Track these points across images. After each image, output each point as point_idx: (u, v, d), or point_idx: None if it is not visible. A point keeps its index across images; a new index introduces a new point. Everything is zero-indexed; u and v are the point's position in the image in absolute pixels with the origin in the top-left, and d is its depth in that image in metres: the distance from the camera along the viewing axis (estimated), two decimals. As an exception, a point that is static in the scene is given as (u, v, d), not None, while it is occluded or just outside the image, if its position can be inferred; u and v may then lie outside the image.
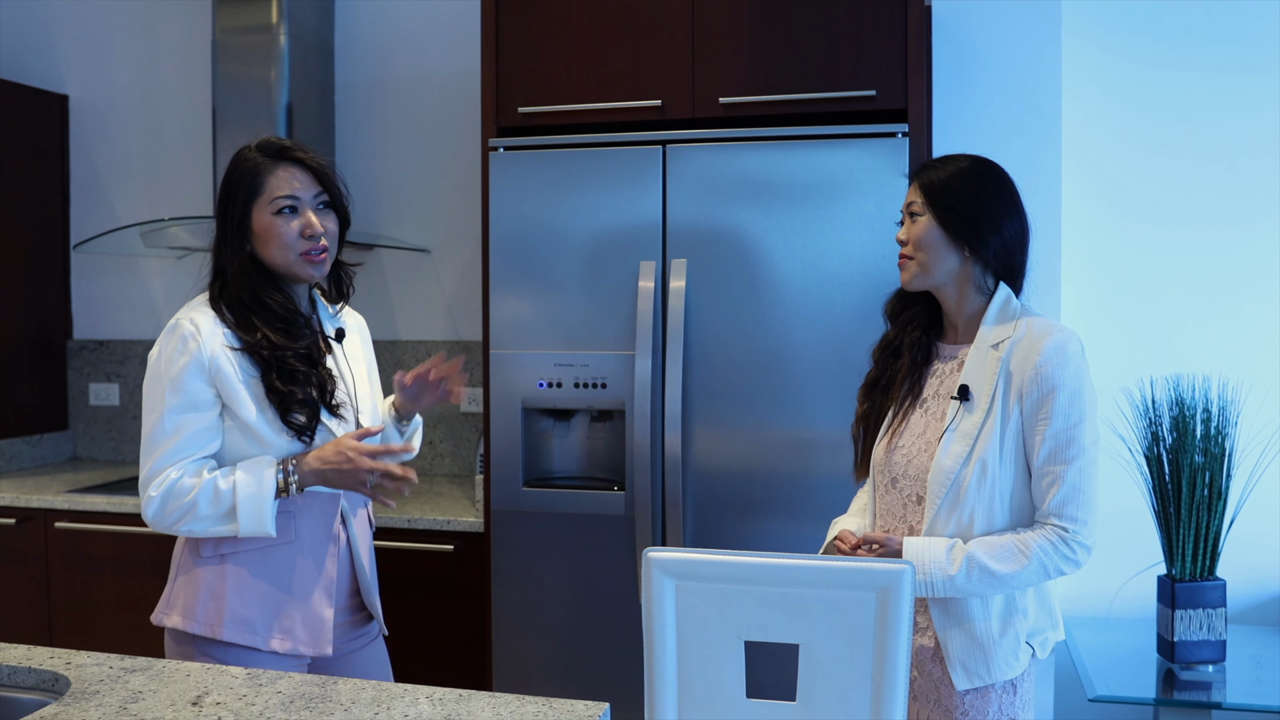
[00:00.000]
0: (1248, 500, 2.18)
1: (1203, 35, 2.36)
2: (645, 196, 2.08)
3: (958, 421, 1.38)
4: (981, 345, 1.41)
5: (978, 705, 1.38)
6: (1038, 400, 1.35)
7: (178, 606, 1.48)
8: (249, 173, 1.48)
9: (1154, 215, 2.39)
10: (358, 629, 1.59)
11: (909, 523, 1.44)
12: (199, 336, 1.44)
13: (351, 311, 1.71)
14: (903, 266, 1.47)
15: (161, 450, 1.43)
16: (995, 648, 1.38)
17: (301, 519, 1.49)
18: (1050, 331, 1.37)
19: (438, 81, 2.81)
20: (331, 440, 1.49)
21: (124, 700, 1.17)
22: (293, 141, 1.53)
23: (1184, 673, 2.05)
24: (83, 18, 3.09)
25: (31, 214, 3.00)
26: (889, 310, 1.55)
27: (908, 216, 1.46)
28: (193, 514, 1.43)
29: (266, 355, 1.45)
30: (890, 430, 1.48)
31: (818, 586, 1.27)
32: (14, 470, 2.91)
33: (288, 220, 1.47)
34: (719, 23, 2.09)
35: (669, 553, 1.31)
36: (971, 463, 1.36)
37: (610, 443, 2.18)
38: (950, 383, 1.44)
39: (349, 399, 1.57)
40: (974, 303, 1.44)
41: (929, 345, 1.49)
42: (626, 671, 2.08)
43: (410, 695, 1.19)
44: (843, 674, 1.26)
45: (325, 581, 1.50)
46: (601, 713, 1.16)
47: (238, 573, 1.46)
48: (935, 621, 1.40)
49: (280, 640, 1.47)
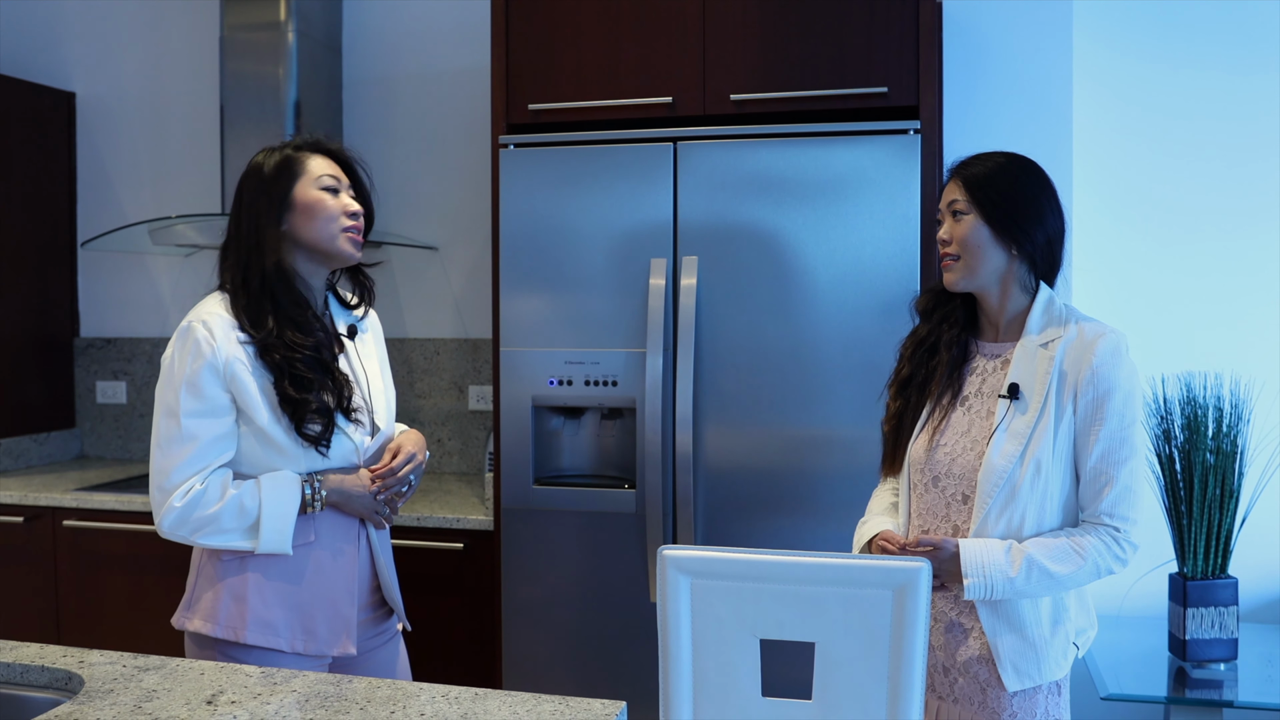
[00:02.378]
0: (1259, 499, 2.18)
1: (1213, 35, 2.35)
2: (656, 193, 2.07)
3: (1009, 421, 1.37)
4: (1029, 344, 1.40)
5: (1025, 707, 1.38)
6: (1093, 400, 1.35)
7: (199, 610, 1.47)
8: (287, 158, 1.50)
9: (1165, 214, 2.39)
10: (379, 625, 1.58)
11: (953, 522, 1.42)
12: (213, 340, 1.42)
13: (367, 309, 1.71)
14: (947, 268, 1.44)
15: (181, 457, 1.41)
16: (1047, 648, 1.38)
17: (321, 519, 1.49)
18: (1104, 332, 1.38)
19: (446, 78, 2.81)
20: (354, 473, 1.51)
21: (138, 699, 1.17)
22: (322, 135, 1.57)
23: (1195, 671, 2.04)
24: (90, 15, 3.09)
25: (39, 212, 2.99)
26: (922, 307, 1.52)
27: (949, 215, 1.44)
28: (214, 527, 1.42)
29: (279, 359, 1.43)
30: (929, 428, 1.46)
31: (834, 585, 1.26)
32: (21, 468, 2.91)
33: (333, 196, 1.49)
34: (730, 19, 2.08)
35: (684, 551, 1.30)
36: (1025, 462, 1.35)
37: (621, 440, 2.17)
38: (994, 381, 1.42)
39: (365, 402, 1.56)
40: (1018, 301, 1.43)
41: (966, 343, 1.47)
42: (637, 669, 2.07)
43: (426, 694, 1.19)
44: (859, 672, 1.25)
45: (346, 580, 1.50)
46: (619, 711, 1.16)
47: (259, 575, 1.45)
48: (985, 624, 1.38)
49: (304, 641, 1.46)
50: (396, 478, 1.51)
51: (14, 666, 1.29)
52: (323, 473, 1.48)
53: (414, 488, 1.58)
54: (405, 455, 1.53)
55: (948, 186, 1.45)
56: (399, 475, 1.52)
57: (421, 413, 2.84)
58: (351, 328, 1.59)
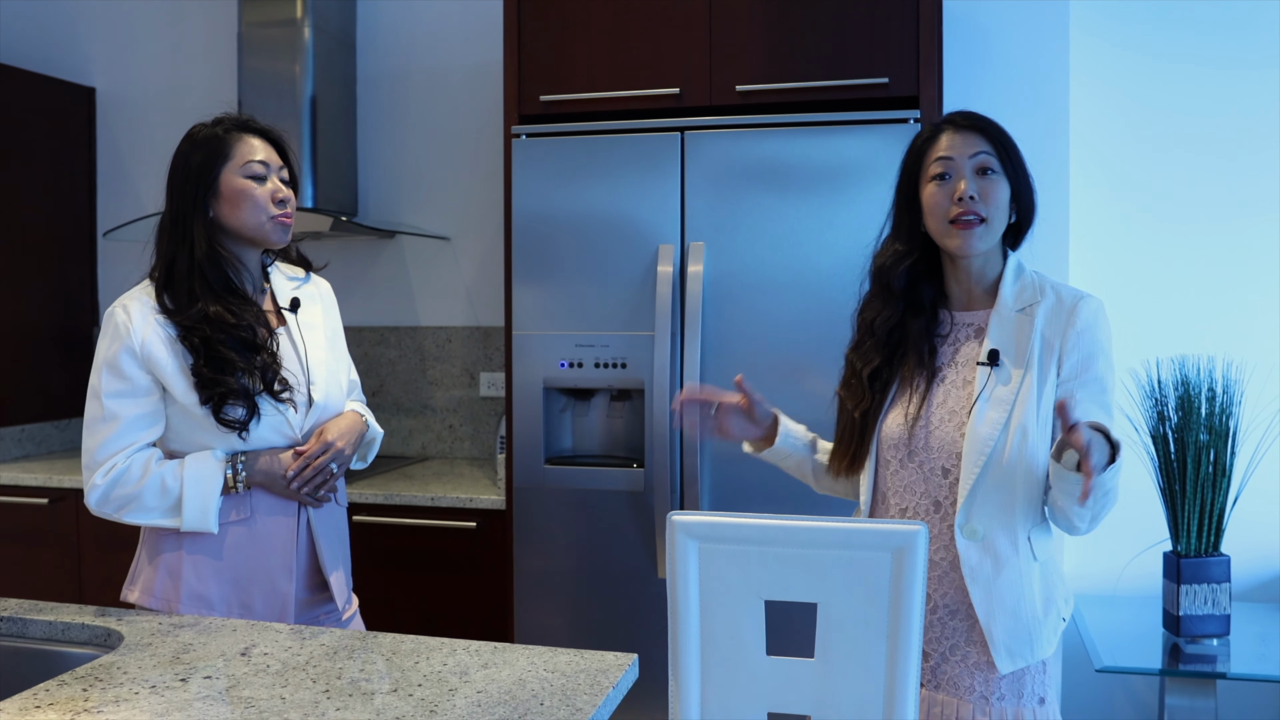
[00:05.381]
0: (1251, 479, 2.23)
1: (1208, 29, 2.40)
2: (664, 182, 2.13)
3: (990, 388, 1.32)
4: (1004, 310, 1.34)
5: (1014, 688, 1.34)
6: (1079, 362, 1.32)
7: (139, 583, 1.52)
8: (214, 139, 1.48)
9: (1160, 204, 2.44)
10: (320, 606, 1.57)
11: (933, 496, 1.37)
12: (130, 323, 1.43)
13: (317, 279, 1.67)
14: (967, 228, 1.31)
15: (103, 436, 1.44)
16: (1040, 627, 1.34)
17: (257, 496, 1.49)
18: (1084, 295, 1.34)
19: (457, 73, 2.87)
20: (283, 453, 1.49)
21: (176, 651, 1.24)
22: (250, 116, 1.54)
23: (1189, 646, 2.08)
24: (111, 13, 3.16)
25: (60, 204, 3.06)
26: (901, 289, 1.40)
27: (975, 172, 1.32)
28: (137, 504, 1.44)
29: (197, 341, 1.42)
30: (901, 405, 1.40)
31: (836, 548, 1.31)
32: (44, 453, 2.98)
33: (259, 184, 1.47)
34: (736, 12, 2.14)
35: (692, 516, 1.35)
36: (1011, 429, 1.30)
37: (629, 421, 2.24)
38: (968, 350, 1.37)
39: (298, 376, 1.52)
40: (995, 267, 1.38)
41: (935, 313, 1.40)
42: (645, 643, 2.13)
43: (448, 647, 1.25)
44: (859, 631, 1.30)
45: (284, 557, 1.50)
46: (630, 662, 1.22)
47: (194, 550, 1.47)
48: (978, 607, 1.32)
49: (240, 616, 1.48)
50: (313, 466, 1.48)
51: (56, 624, 1.36)
52: (252, 452, 1.47)
53: (337, 474, 1.53)
54: (320, 445, 1.50)
55: (964, 137, 1.33)
56: (315, 464, 1.48)
57: (434, 399, 2.91)
58: (294, 300, 1.56)
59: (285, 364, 1.51)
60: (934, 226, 1.36)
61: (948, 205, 1.33)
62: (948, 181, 1.34)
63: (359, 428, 1.58)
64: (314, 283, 1.65)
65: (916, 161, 1.39)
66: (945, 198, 1.34)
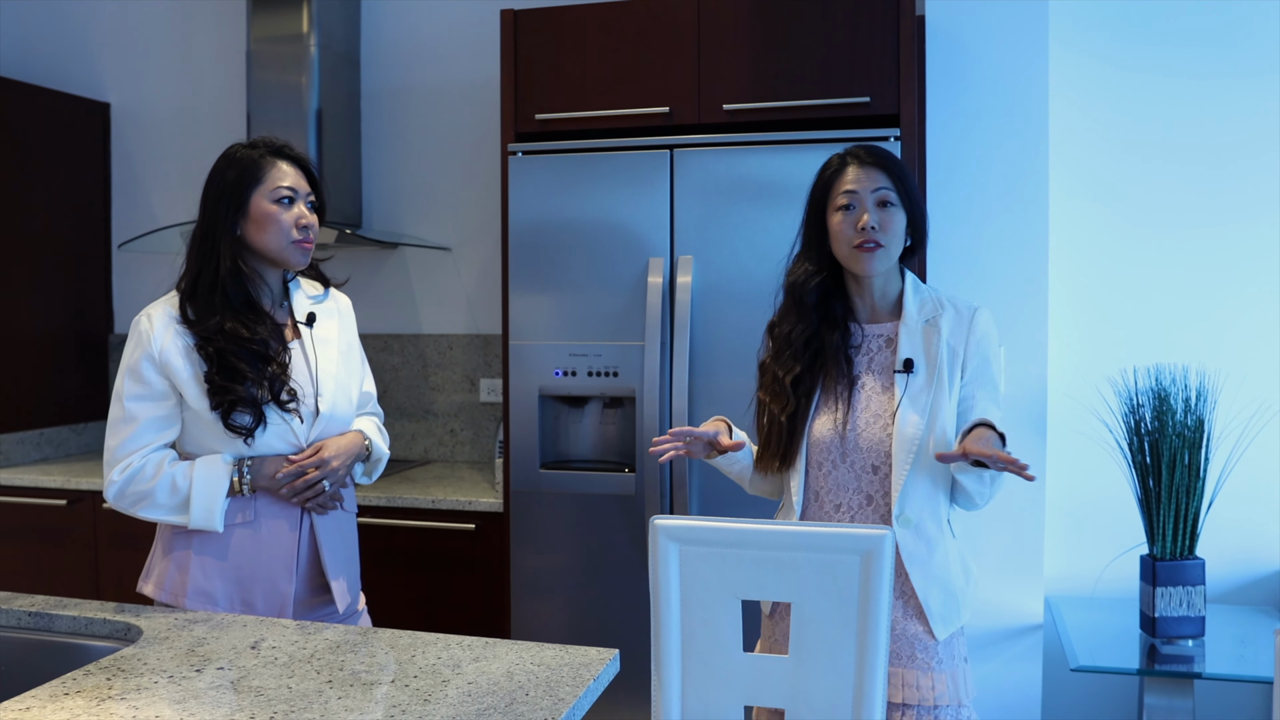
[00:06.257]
0: (1225, 484, 2.28)
1: (1184, 42, 2.46)
2: (654, 197, 2.22)
3: (910, 394, 1.50)
4: (910, 322, 1.53)
5: (949, 651, 1.52)
6: (978, 366, 1.52)
7: (152, 577, 1.61)
8: (249, 161, 1.55)
9: (1137, 214, 2.49)
10: (321, 608, 1.62)
11: (865, 491, 1.52)
12: (152, 331, 1.52)
13: (337, 295, 1.73)
14: (870, 253, 1.49)
15: (122, 436, 1.53)
16: (964, 594, 1.53)
17: (262, 502, 1.56)
18: (977, 307, 1.54)
19: (458, 89, 2.96)
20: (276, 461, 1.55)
21: (191, 644, 1.33)
22: (286, 142, 1.62)
23: (1165, 647, 2.13)
24: (123, 29, 3.26)
25: (76, 216, 3.16)
26: (814, 304, 1.54)
27: (877, 205, 1.50)
28: (149, 500, 1.53)
29: (212, 351, 1.50)
30: (828, 411, 1.54)
31: (808, 550, 1.39)
32: (61, 456, 3.09)
33: (285, 209, 1.55)
34: (723, 34, 2.23)
35: (674, 520, 1.44)
36: (933, 429, 1.49)
37: (621, 427, 2.32)
38: (882, 359, 1.54)
39: (306, 388, 1.58)
40: (896, 285, 1.57)
41: (848, 328, 1.56)
42: (634, 637, 2.21)
43: (442, 642, 1.34)
44: (831, 629, 1.38)
45: (285, 559, 1.57)
46: (611, 658, 1.30)
47: (201, 548, 1.55)
48: (917, 586, 1.50)
49: (242, 612, 1.55)
50: (303, 480, 1.55)
51: (79, 619, 1.45)
52: (258, 458, 1.55)
53: (330, 490, 1.58)
54: (313, 460, 1.55)
55: (866, 172, 1.50)
56: (305, 478, 1.55)
57: (435, 405, 3.00)
58: (310, 315, 1.63)
59: (295, 376, 1.58)
60: (840, 250, 1.53)
61: (852, 233, 1.50)
62: (852, 212, 1.51)
63: (356, 448, 1.64)
64: (334, 298, 1.71)
65: (825, 191, 1.55)
66: (850, 226, 1.51)
